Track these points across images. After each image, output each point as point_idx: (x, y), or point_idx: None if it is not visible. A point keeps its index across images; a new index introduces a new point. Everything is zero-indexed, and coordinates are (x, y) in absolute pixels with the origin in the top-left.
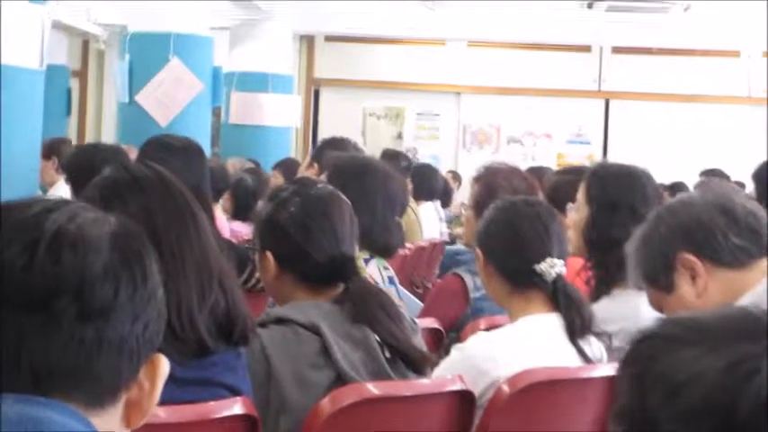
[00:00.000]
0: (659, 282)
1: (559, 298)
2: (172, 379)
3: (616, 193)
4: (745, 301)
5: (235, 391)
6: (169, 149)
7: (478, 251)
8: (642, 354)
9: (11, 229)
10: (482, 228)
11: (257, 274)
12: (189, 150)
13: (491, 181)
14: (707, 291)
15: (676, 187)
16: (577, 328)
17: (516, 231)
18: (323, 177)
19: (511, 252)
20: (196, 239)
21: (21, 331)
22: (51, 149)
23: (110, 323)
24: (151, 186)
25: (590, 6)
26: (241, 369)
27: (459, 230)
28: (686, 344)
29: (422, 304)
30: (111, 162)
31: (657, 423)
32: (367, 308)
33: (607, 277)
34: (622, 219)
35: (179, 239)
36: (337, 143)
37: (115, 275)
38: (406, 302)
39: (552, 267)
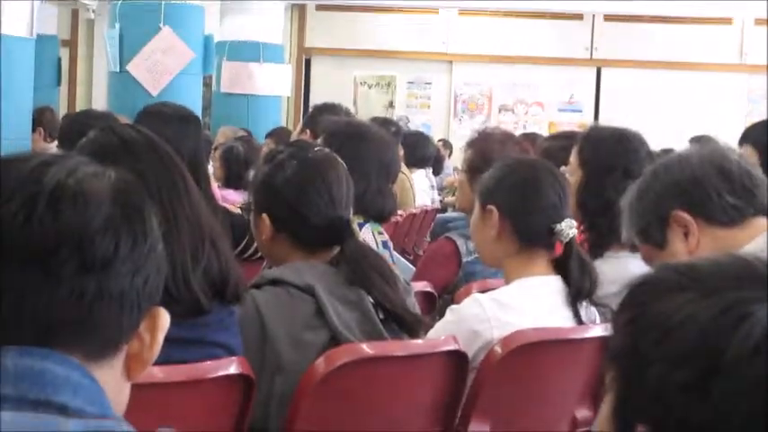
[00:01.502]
0: (652, 238)
1: (572, 260)
2: (166, 339)
3: (610, 155)
4: (746, 251)
5: (229, 349)
6: (164, 118)
7: (492, 207)
8: (637, 299)
9: (10, 184)
10: (496, 184)
11: (254, 245)
12: (184, 119)
13: (485, 146)
14: (699, 248)
15: (668, 153)
16: (585, 291)
17: (538, 190)
18: (318, 142)
19: (533, 210)
20: (187, 200)
21: (22, 285)
22: (36, 120)
23: (110, 276)
24: (140, 148)
25: None
26: (233, 327)
27: (450, 198)
28: (680, 289)
29: (414, 268)
30: None
31: (648, 365)
32: (362, 270)
33: (600, 240)
34: (616, 181)
35: (171, 201)
36: (330, 108)
37: (115, 229)
38: (399, 266)
39: (570, 228)
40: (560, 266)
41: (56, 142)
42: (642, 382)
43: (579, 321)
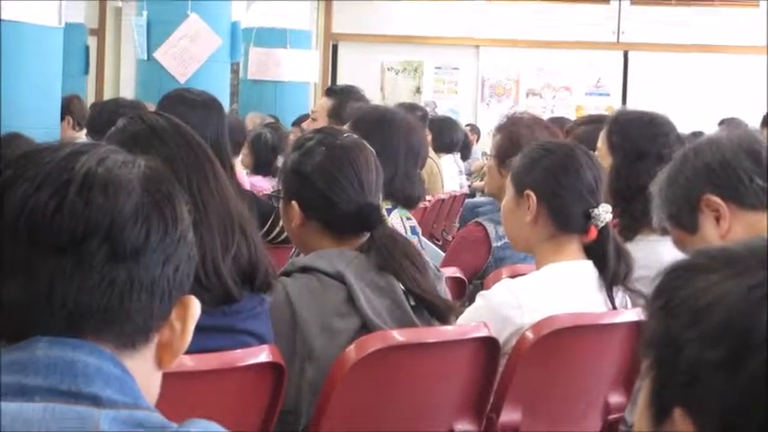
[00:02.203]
0: (683, 222)
1: (609, 244)
2: (197, 327)
3: (641, 140)
4: None
5: (259, 338)
6: (187, 104)
7: (529, 191)
8: (669, 284)
9: (41, 172)
10: (532, 168)
11: (278, 227)
12: (207, 104)
13: (514, 131)
14: (731, 232)
15: (697, 136)
16: (620, 276)
17: (579, 175)
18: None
19: (570, 194)
20: (216, 188)
21: (52, 274)
22: (64, 109)
23: (141, 265)
24: (168, 137)
25: None
26: (264, 315)
27: (478, 183)
28: (711, 271)
29: (443, 254)
30: None
31: (681, 348)
32: (392, 256)
33: (633, 223)
34: (648, 166)
35: (200, 188)
36: (351, 92)
37: (146, 217)
38: (428, 252)
39: (606, 213)
40: (592, 251)
41: (84, 131)
42: (677, 366)
43: (613, 306)
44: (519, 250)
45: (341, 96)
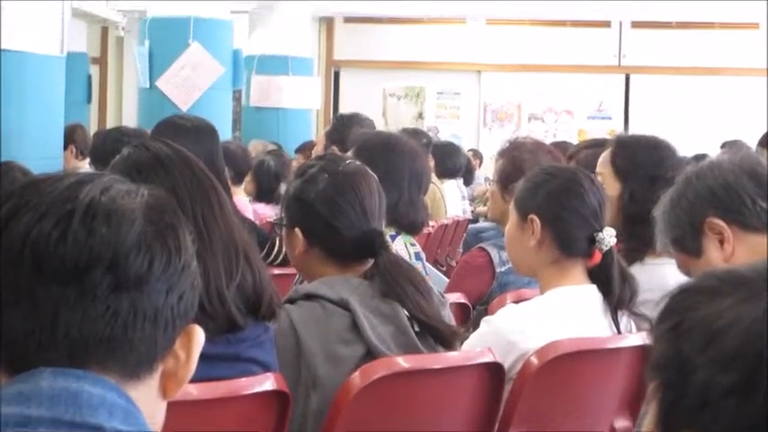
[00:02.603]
0: (687, 246)
1: (613, 268)
2: (201, 356)
3: (650, 165)
4: None
5: (264, 366)
6: (180, 130)
7: (534, 216)
8: (678, 306)
9: (44, 202)
10: (536, 193)
11: (275, 250)
12: (200, 130)
13: (516, 156)
14: (734, 255)
15: (700, 159)
16: (625, 300)
17: (582, 199)
18: (349, 154)
19: (575, 218)
20: (220, 216)
21: (56, 304)
22: (67, 138)
23: (144, 294)
24: (173, 165)
25: None
26: (269, 343)
27: (481, 209)
28: (723, 294)
29: (447, 280)
30: None
31: (693, 371)
32: (396, 282)
33: (642, 247)
34: (661, 189)
35: (204, 217)
36: (355, 120)
37: (149, 247)
38: (432, 278)
39: (611, 237)
40: (596, 275)
41: (87, 160)
42: (687, 389)
43: (618, 331)
44: (522, 275)
45: (345, 123)
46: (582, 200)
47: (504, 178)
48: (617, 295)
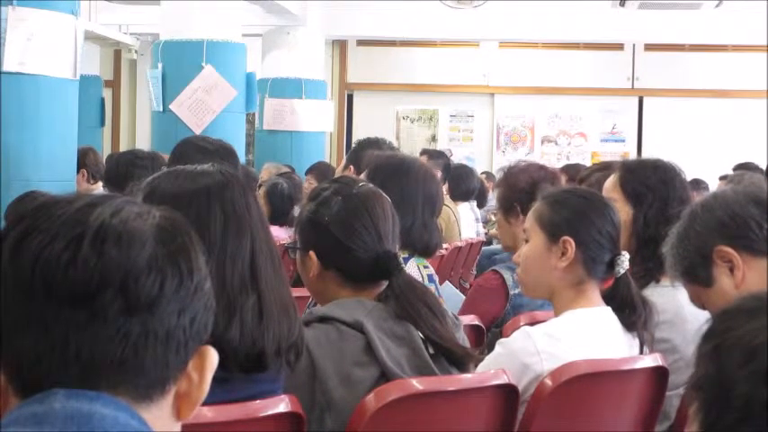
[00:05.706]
0: (698, 277)
1: (631, 290)
2: (214, 378)
3: (661, 187)
4: None
5: (277, 388)
6: (203, 152)
7: (568, 238)
8: (719, 327)
9: (55, 224)
10: (570, 215)
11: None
12: (222, 152)
13: (512, 181)
14: (745, 281)
15: (695, 183)
16: (642, 321)
17: (612, 222)
18: (362, 177)
19: (607, 242)
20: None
21: (67, 326)
22: (79, 161)
23: (156, 316)
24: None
25: (622, 4)
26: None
27: (495, 231)
28: (761, 313)
29: (463, 297)
30: (151, 169)
31: (734, 386)
32: (410, 304)
33: (656, 268)
34: (674, 210)
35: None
36: (373, 143)
37: (160, 269)
38: (448, 294)
39: (626, 260)
40: (610, 297)
41: (99, 183)
42: (729, 405)
43: (641, 348)
44: (534, 297)
45: (363, 146)
46: (612, 224)
47: (504, 202)
48: (633, 317)
